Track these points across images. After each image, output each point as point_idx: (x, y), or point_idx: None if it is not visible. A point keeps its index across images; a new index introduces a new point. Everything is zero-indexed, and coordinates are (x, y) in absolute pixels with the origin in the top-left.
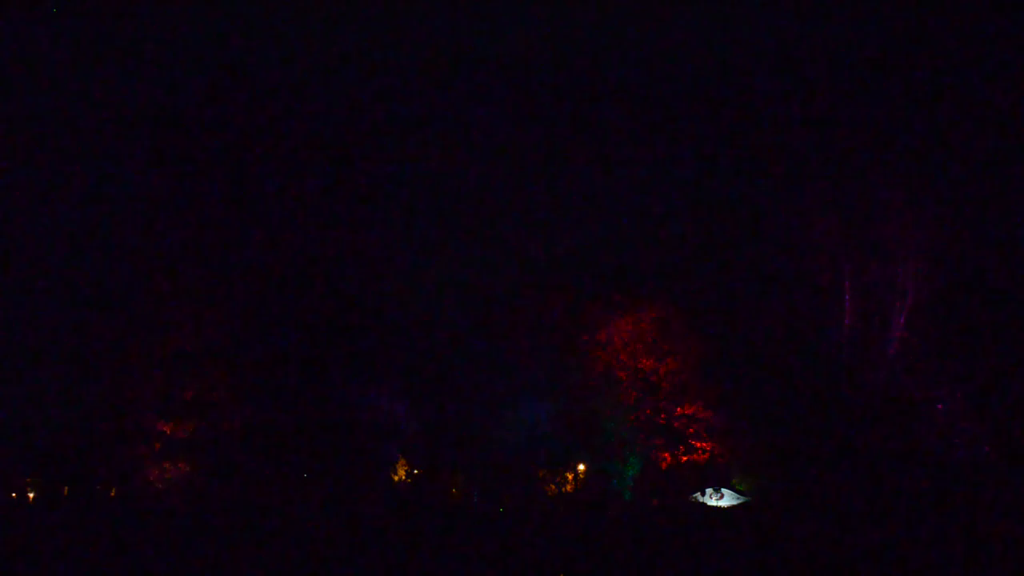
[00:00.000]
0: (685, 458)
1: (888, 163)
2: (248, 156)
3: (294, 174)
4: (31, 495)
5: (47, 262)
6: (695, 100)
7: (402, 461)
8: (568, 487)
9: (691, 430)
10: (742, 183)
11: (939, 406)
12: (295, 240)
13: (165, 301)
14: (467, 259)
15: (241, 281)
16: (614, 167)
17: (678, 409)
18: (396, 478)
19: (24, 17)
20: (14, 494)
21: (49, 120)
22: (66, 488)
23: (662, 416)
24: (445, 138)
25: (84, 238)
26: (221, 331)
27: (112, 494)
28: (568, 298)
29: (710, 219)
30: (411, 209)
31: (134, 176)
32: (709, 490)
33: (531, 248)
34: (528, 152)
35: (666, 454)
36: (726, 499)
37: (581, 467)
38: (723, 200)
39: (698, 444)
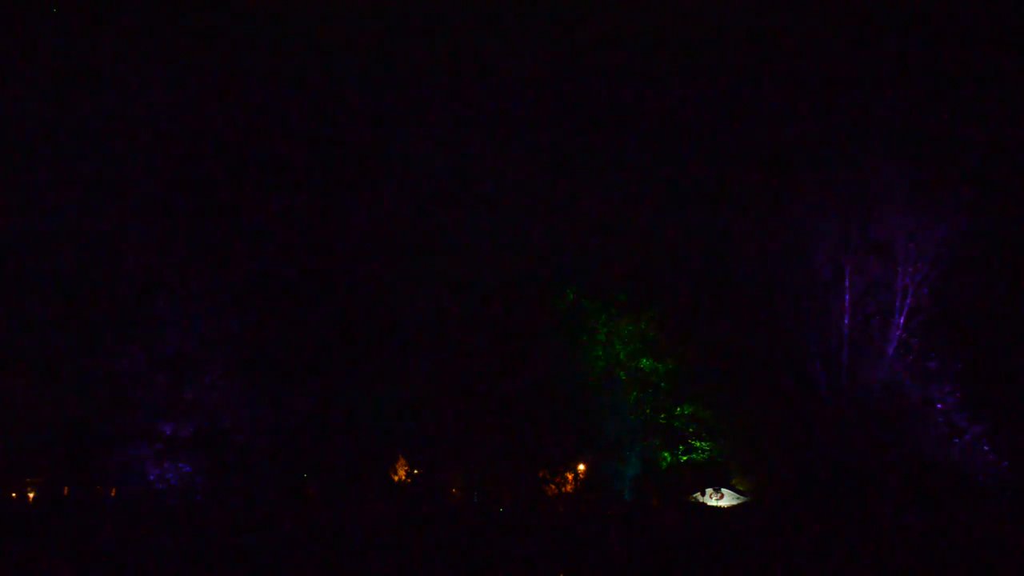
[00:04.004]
0: (685, 458)
1: (888, 162)
2: (247, 153)
3: (294, 172)
4: (31, 495)
5: (46, 261)
6: (694, 101)
7: (402, 461)
8: (568, 487)
9: (691, 430)
10: (742, 183)
11: (939, 406)
12: (296, 240)
13: (165, 300)
14: (469, 259)
15: (242, 280)
16: (613, 167)
17: (678, 409)
18: (396, 478)
19: (24, 17)
20: (14, 494)
21: (47, 119)
22: (66, 488)
23: (662, 416)
24: (445, 134)
25: (83, 237)
26: (221, 331)
27: (112, 494)
28: (568, 298)
29: (711, 218)
30: (413, 208)
31: (132, 174)
32: (709, 490)
33: (532, 248)
34: (529, 151)
35: (666, 454)
36: (726, 499)
37: (581, 467)
38: (724, 200)
39: (698, 444)
